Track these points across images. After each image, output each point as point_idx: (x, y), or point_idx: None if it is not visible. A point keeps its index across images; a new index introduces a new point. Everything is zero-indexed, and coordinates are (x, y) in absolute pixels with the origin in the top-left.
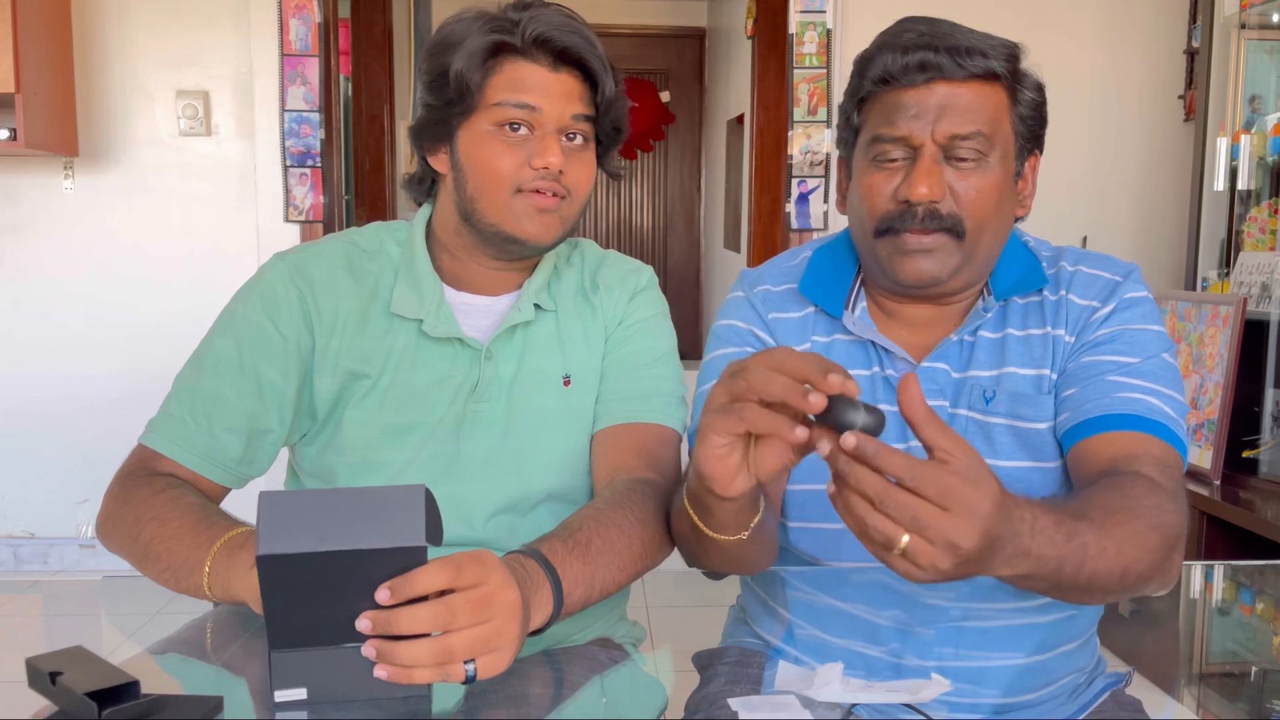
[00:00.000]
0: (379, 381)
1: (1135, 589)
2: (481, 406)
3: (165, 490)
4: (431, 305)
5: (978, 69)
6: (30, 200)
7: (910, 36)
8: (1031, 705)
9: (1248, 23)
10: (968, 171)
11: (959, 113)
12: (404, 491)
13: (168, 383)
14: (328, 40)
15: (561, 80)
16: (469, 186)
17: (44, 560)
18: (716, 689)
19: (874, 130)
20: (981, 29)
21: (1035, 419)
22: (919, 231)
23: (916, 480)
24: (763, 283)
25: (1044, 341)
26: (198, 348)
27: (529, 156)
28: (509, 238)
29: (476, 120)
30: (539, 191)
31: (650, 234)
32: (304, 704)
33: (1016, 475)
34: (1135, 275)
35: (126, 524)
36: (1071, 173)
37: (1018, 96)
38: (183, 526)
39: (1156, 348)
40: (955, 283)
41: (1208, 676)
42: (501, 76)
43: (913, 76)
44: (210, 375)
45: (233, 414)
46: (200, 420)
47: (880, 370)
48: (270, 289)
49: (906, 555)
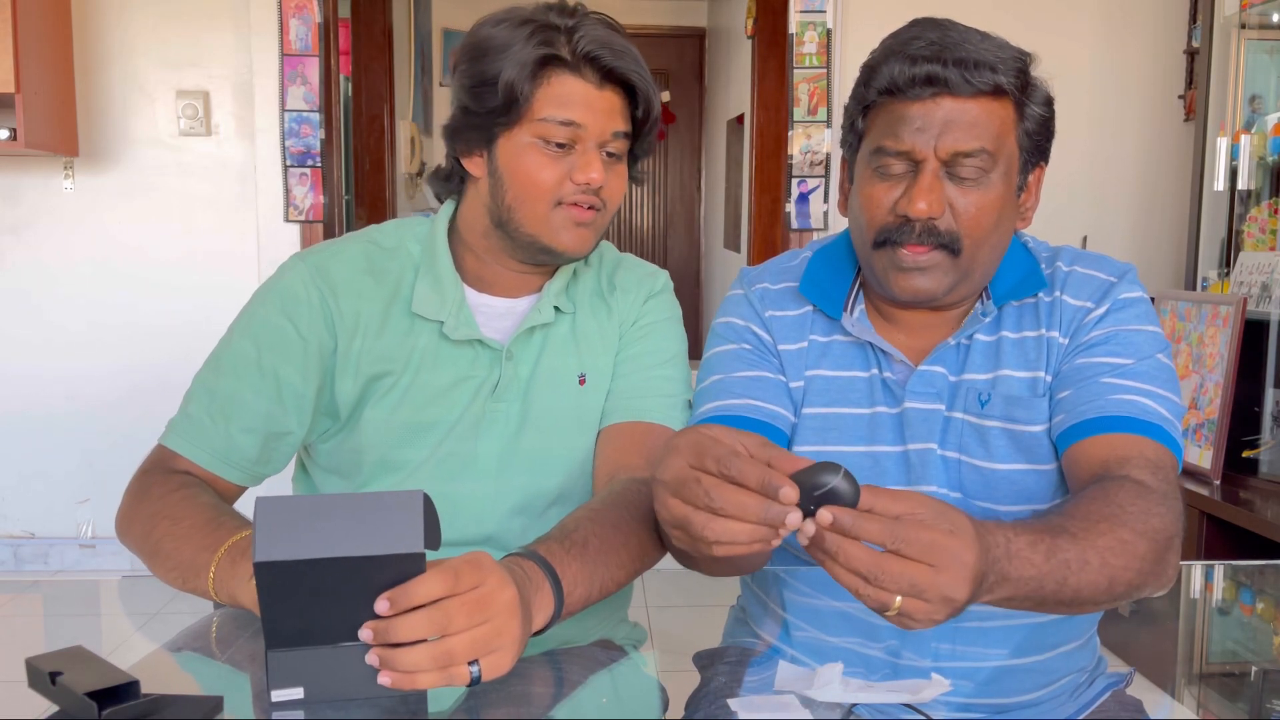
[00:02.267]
0: (400, 381)
1: (1128, 596)
2: (499, 406)
3: (180, 489)
4: (453, 307)
5: (985, 85)
6: (30, 200)
7: (919, 46)
8: (1031, 705)
9: (1248, 23)
10: (969, 188)
11: (963, 129)
12: (402, 497)
13: (168, 382)
14: (328, 40)
15: (606, 97)
16: (508, 195)
17: (44, 560)
18: (716, 689)
19: (877, 141)
20: (981, 29)
21: (1030, 422)
22: (915, 246)
23: (899, 542)
24: (761, 281)
25: (1038, 344)
26: (216, 347)
27: (570, 170)
28: (545, 248)
29: (520, 131)
30: (578, 205)
31: (650, 234)
32: (301, 703)
33: (1012, 478)
34: (1130, 276)
35: (140, 521)
36: (1071, 173)
37: (1025, 111)
38: (193, 527)
39: (1150, 348)
40: (951, 297)
41: (1208, 676)
42: (549, 90)
43: (919, 90)
44: (229, 376)
45: (251, 415)
46: (218, 421)
47: (879, 372)
48: (290, 290)
49: (902, 614)
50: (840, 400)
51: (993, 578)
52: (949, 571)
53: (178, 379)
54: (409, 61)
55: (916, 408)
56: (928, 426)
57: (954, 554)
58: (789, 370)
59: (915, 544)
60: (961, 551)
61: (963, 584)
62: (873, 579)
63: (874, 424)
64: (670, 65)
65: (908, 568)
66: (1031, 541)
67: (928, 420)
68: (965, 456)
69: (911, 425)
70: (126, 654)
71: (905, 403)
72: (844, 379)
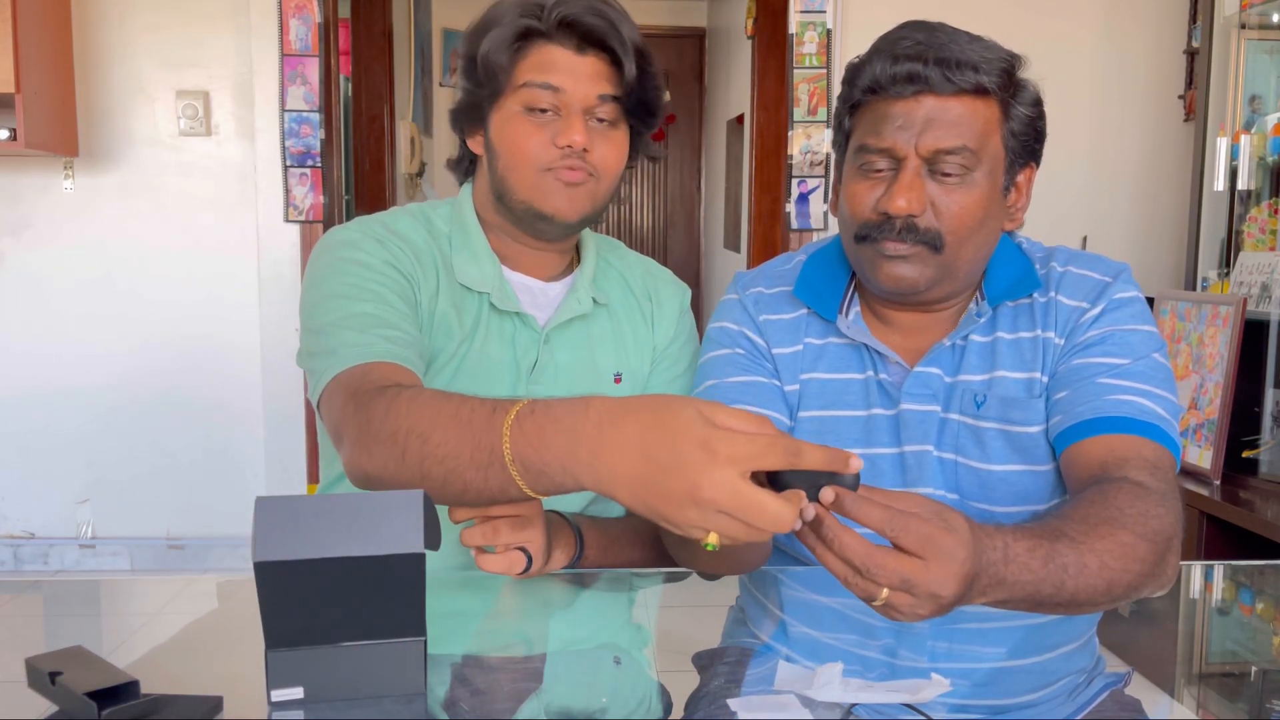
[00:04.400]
0: (460, 347)
1: (1127, 597)
2: (538, 389)
3: (419, 393)
4: (494, 280)
5: (967, 84)
6: (30, 200)
7: (905, 45)
8: (1029, 706)
9: (1248, 23)
10: (951, 186)
11: (945, 127)
12: (402, 497)
13: (168, 382)
14: (328, 40)
15: (587, 62)
16: (500, 166)
17: (44, 560)
18: (716, 689)
19: (861, 139)
20: (981, 28)
21: (1026, 423)
22: (896, 242)
23: (896, 530)
24: (755, 285)
25: (1034, 344)
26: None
27: (554, 136)
28: (538, 214)
29: (506, 102)
30: (566, 168)
31: (650, 234)
32: (300, 703)
33: (1009, 479)
34: (1125, 275)
35: (385, 442)
36: (1071, 173)
37: (1010, 111)
38: (457, 417)
39: (1146, 348)
40: (935, 293)
41: (1208, 676)
42: (529, 60)
43: (901, 88)
44: (358, 301)
45: (400, 315)
46: (379, 329)
47: (874, 374)
48: (377, 237)
49: (888, 604)
50: (836, 403)
51: (986, 580)
52: (940, 567)
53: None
54: (409, 61)
55: (913, 409)
56: (924, 428)
57: (947, 550)
58: (784, 374)
59: (911, 534)
60: (955, 549)
61: (951, 581)
62: (864, 571)
63: (870, 426)
64: (670, 65)
65: (901, 562)
66: (1030, 547)
67: (924, 422)
68: (961, 458)
69: (908, 427)
70: (126, 654)
71: (901, 404)
72: (840, 381)
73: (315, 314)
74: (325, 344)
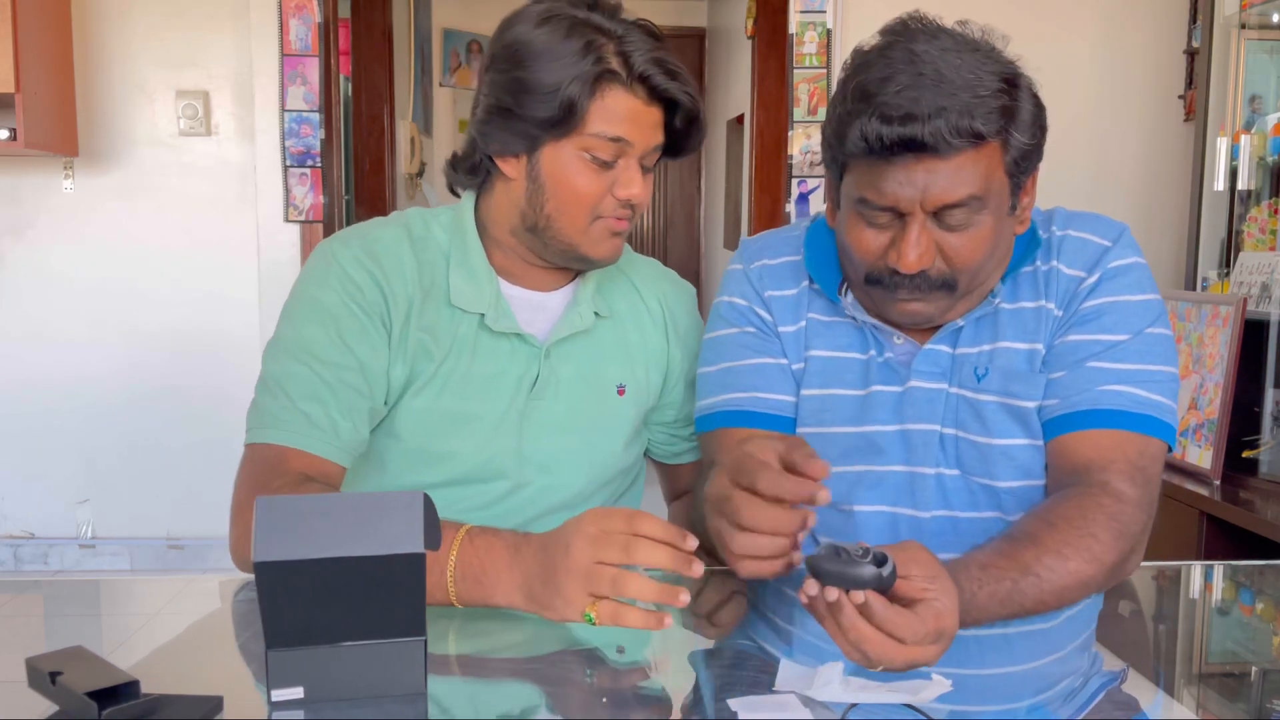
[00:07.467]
0: (442, 368)
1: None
2: (541, 404)
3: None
4: (490, 299)
5: (967, 143)
6: (30, 200)
7: (892, 96)
8: (1029, 706)
9: (1248, 23)
10: (959, 231)
11: (947, 180)
12: (402, 498)
13: (168, 382)
14: (328, 40)
15: (652, 113)
16: (548, 204)
17: (44, 560)
18: (716, 689)
19: (860, 191)
20: (981, 29)
21: (1028, 397)
22: (909, 290)
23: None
24: (761, 257)
25: (1036, 314)
26: (280, 341)
27: (612, 185)
28: (581, 258)
29: (568, 143)
30: (615, 218)
31: (650, 234)
32: (301, 703)
33: (1010, 452)
34: (1124, 239)
35: None
36: (1071, 173)
37: (1010, 141)
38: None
39: (1143, 321)
40: (952, 315)
41: (1207, 676)
42: (602, 104)
43: (897, 153)
44: (313, 362)
45: (347, 395)
46: (318, 408)
47: (877, 355)
48: (347, 274)
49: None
50: (835, 381)
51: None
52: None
53: (178, 379)
54: (409, 61)
55: (922, 386)
56: (931, 406)
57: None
58: (789, 352)
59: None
60: (951, 628)
61: (935, 655)
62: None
63: (867, 404)
64: None
65: (910, 653)
66: (993, 593)
67: (931, 400)
68: (962, 432)
69: (916, 404)
70: (126, 654)
71: (911, 381)
72: (840, 360)
73: (269, 357)
74: (264, 401)
